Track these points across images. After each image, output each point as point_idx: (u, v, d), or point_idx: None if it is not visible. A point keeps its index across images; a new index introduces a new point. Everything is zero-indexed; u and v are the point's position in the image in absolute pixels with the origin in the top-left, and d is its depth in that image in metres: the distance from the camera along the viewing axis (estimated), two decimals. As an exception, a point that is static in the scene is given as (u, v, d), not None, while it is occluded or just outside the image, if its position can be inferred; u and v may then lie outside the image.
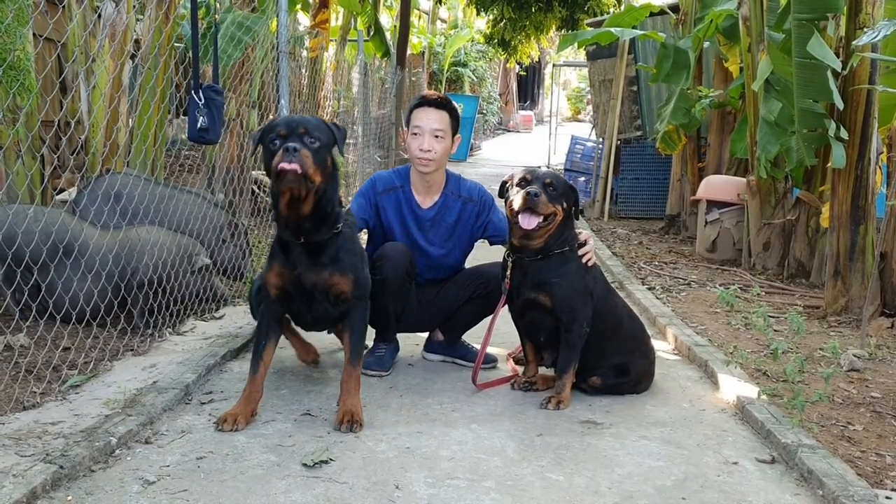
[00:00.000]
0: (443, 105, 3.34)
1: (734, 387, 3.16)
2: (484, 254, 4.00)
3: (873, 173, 4.60)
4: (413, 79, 13.63)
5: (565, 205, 3.04)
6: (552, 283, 3.05)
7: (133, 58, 4.99)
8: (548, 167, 15.96)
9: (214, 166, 6.71)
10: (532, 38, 13.37)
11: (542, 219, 2.96)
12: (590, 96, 15.59)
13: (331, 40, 10.42)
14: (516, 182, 3.04)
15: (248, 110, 7.02)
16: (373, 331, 3.38)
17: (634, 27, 7.64)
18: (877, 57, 4.06)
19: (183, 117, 7.84)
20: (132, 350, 3.49)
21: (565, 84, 32.99)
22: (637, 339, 3.27)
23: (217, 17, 5.34)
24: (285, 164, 2.54)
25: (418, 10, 18.83)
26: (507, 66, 24.88)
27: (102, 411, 2.72)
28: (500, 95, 26.72)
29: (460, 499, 2.30)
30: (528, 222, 2.95)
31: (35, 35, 3.86)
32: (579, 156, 10.18)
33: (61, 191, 5.26)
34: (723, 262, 6.31)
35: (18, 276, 3.26)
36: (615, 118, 8.80)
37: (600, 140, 9.55)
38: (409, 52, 12.59)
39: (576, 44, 7.97)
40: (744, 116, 6.43)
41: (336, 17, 11.03)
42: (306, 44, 8.67)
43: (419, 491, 2.34)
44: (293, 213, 2.70)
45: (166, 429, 2.69)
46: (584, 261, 3.13)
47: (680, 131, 7.37)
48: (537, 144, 19.75)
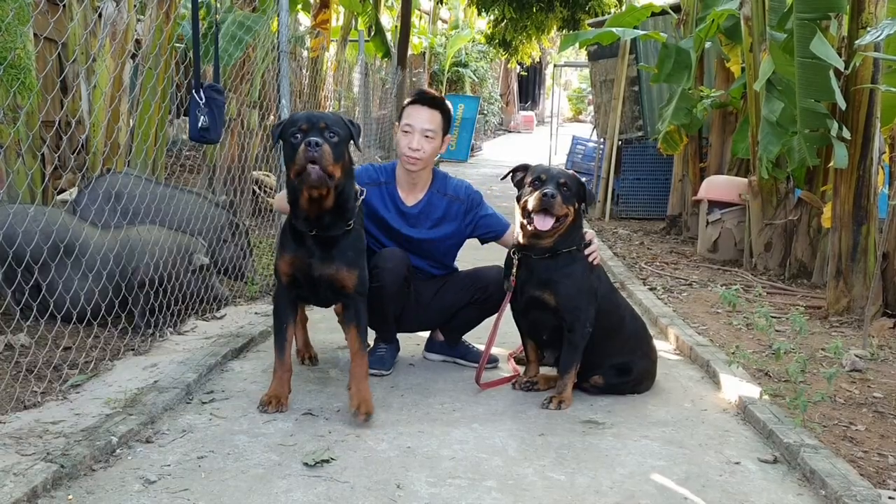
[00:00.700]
0: (437, 105, 3.30)
1: (736, 387, 3.15)
2: (484, 254, 3.99)
3: (875, 173, 4.60)
4: (414, 79, 13.62)
5: (577, 204, 3.04)
6: (557, 282, 3.04)
7: (134, 57, 4.98)
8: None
9: (215, 166, 6.71)
10: (533, 39, 13.36)
11: (555, 219, 2.96)
12: (591, 97, 15.57)
13: (331, 40, 10.42)
14: (530, 181, 3.02)
15: (248, 110, 7.01)
16: (373, 332, 3.38)
17: (636, 27, 7.63)
18: (880, 56, 4.05)
19: (184, 117, 7.85)
20: (133, 350, 3.48)
21: (566, 85, 32.99)
22: (639, 339, 3.26)
23: (217, 16, 5.32)
24: (311, 166, 2.64)
25: (419, 10, 18.83)
26: (508, 66, 24.86)
27: (103, 410, 2.72)
28: (500, 96, 26.70)
29: (461, 498, 2.30)
30: (543, 224, 2.94)
31: (35, 35, 3.87)
32: (580, 156, 10.17)
33: (62, 191, 5.26)
34: (724, 263, 6.30)
35: (19, 276, 3.25)
36: (616, 118, 8.78)
37: (601, 140, 9.54)
38: (409, 52, 12.59)
39: (577, 44, 7.98)
40: (745, 117, 6.41)
41: (337, 18, 11.03)
42: (307, 44, 8.67)
43: (420, 490, 2.33)
44: (313, 208, 2.79)
45: (167, 428, 2.69)
46: (590, 259, 3.13)
47: (681, 131, 7.35)
48: (538, 145, 19.73)
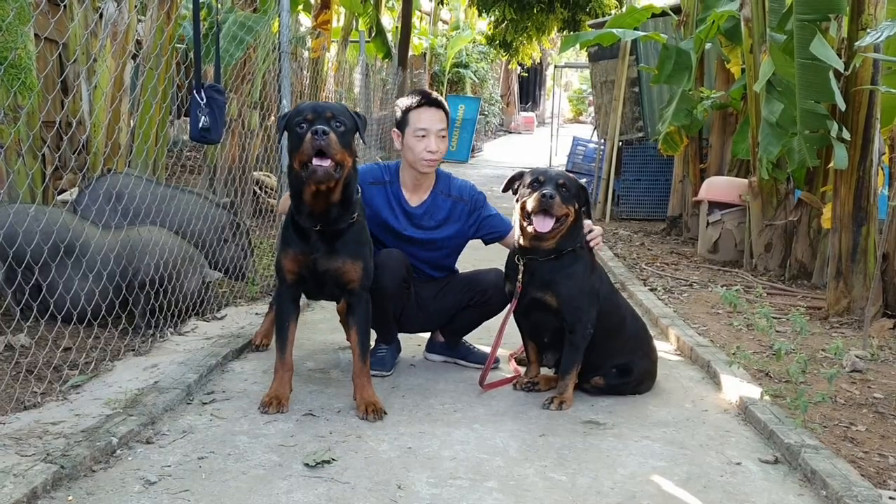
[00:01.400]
0: (441, 104, 3.34)
1: (737, 387, 3.15)
2: (485, 254, 4.00)
3: (875, 174, 4.60)
4: (415, 80, 13.62)
5: (576, 205, 3.04)
6: (558, 284, 3.04)
7: (135, 58, 4.98)
8: (548, 167, 15.97)
9: (216, 167, 6.71)
10: (534, 40, 13.36)
11: (555, 220, 2.96)
12: (591, 98, 15.57)
13: (332, 41, 10.42)
14: (528, 183, 3.01)
15: (249, 111, 7.01)
16: (373, 332, 3.38)
17: (636, 28, 7.63)
18: (879, 57, 4.05)
19: (185, 118, 7.84)
20: (133, 350, 3.48)
21: (566, 86, 32.99)
22: (640, 339, 3.26)
23: (219, 16, 5.32)
24: (318, 160, 2.63)
25: (420, 11, 18.83)
26: (509, 67, 24.87)
27: (103, 411, 2.72)
28: (501, 97, 26.70)
29: (462, 499, 2.30)
30: (543, 224, 2.94)
31: (36, 35, 3.86)
32: (581, 157, 10.17)
33: (62, 191, 5.26)
34: (724, 264, 6.30)
35: (20, 276, 3.25)
36: (617, 119, 8.78)
37: (602, 141, 9.55)
38: (410, 53, 12.58)
39: (577, 45, 7.97)
40: (745, 118, 6.41)
41: (337, 18, 11.02)
42: (308, 44, 8.67)
43: (421, 491, 2.33)
44: (320, 202, 2.78)
45: (168, 429, 2.69)
46: (591, 244, 3.12)
47: (681, 132, 7.35)
48: (539, 146, 19.73)
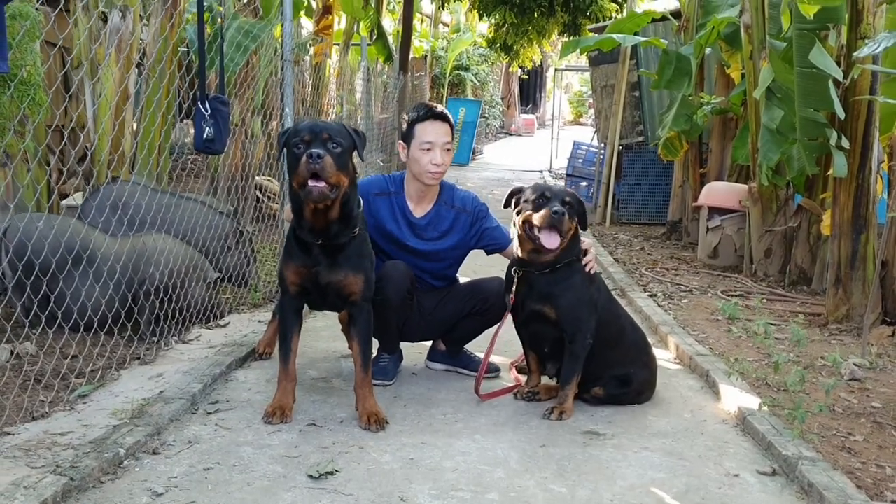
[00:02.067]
0: (445, 117, 3.39)
1: (735, 397, 3.18)
2: (486, 260, 4.02)
3: (874, 182, 4.63)
4: (415, 82, 13.65)
5: (576, 219, 3.08)
6: (558, 296, 3.07)
7: (139, 67, 5.02)
8: (549, 171, 16.00)
9: (218, 172, 6.75)
10: (534, 43, 13.39)
11: (562, 236, 2.99)
12: (592, 100, 15.60)
13: (334, 44, 10.45)
14: (532, 198, 3.03)
15: (251, 116, 7.05)
16: (376, 341, 3.41)
17: (636, 33, 7.66)
18: (878, 69, 4.08)
19: (187, 121, 7.88)
20: (138, 358, 3.52)
21: (567, 88, 33.00)
22: (639, 349, 3.29)
23: (223, 21, 5.35)
24: (313, 181, 2.68)
25: (420, 13, 18.86)
26: (510, 69, 24.90)
27: (110, 422, 2.76)
28: (502, 99, 26.74)
29: (464, 511, 2.33)
30: (551, 241, 2.96)
31: (46, 42, 3.89)
32: (581, 161, 10.20)
33: (64, 196, 5.30)
34: (724, 269, 6.33)
35: (29, 285, 3.28)
36: (617, 123, 8.82)
37: (602, 145, 9.58)
38: (411, 55, 12.60)
39: (578, 50, 8.00)
40: (745, 122, 6.44)
41: (338, 22, 11.05)
42: (310, 52, 8.72)
43: (424, 503, 2.37)
44: (318, 219, 2.85)
45: (173, 439, 2.72)
46: (587, 269, 3.16)
47: (681, 138, 7.38)
48: (539, 148, 19.78)
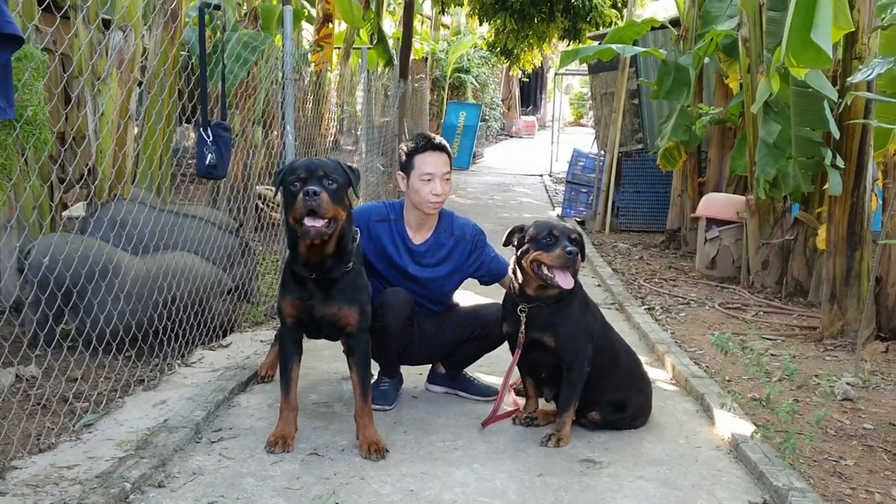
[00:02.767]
0: (444, 147, 3.42)
1: (729, 423, 3.22)
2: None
3: (869, 200, 4.67)
4: (416, 85, 13.66)
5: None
6: (557, 325, 3.13)
7: (140, 84, 5.06)
8: (549, 175, 16.05)
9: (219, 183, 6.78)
10: (534, 48, 13.44)
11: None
12: (591, 104, 15.63)
13: (335, 48, 10.48)
14: (540, 237, 3.05)
15: (252, 127, 7.09)
16: (377, 364, 3.47)
17: (636, 42, 7.70)
18: (871, 96, 4.14)
19: (186, 125, 7.91)
20: (142, 381, 3.57)
21: (567, 89, 32.98)
22: (634, 375, 3.34)
23: (223, 34, 5.38)
24: (310, 219, 2.75)
25: (421, 15, 18.87)
26: (510, 72, 24.91)
27: (116, 453, 2.81)
28: (502, 101, 26.75)
29: (462, 545, 2.38)
30: (566, 282, 3.01)
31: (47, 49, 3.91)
32: (581, 168, 10.24)
33: (64, 207, 5.34)
34: (722, 280, 6.39)
35: (43, 304, 3.34)
36: (617, 131, 8.86)
37: (602, 152, 9.62)
38: (411, 58, 12.61)
39: (577, 60, 8.03)
40: (743, 134, 6.49)
41: (338, 25, 11.08)
42: (312, 67, 8.78)
43: (423, 536, 2.42)
44: (314, 254, 2.91)
45: (178, 471, 2.78)
46: None
47: (680, 148, 7.42)
48: (540, 151, 19.82)
